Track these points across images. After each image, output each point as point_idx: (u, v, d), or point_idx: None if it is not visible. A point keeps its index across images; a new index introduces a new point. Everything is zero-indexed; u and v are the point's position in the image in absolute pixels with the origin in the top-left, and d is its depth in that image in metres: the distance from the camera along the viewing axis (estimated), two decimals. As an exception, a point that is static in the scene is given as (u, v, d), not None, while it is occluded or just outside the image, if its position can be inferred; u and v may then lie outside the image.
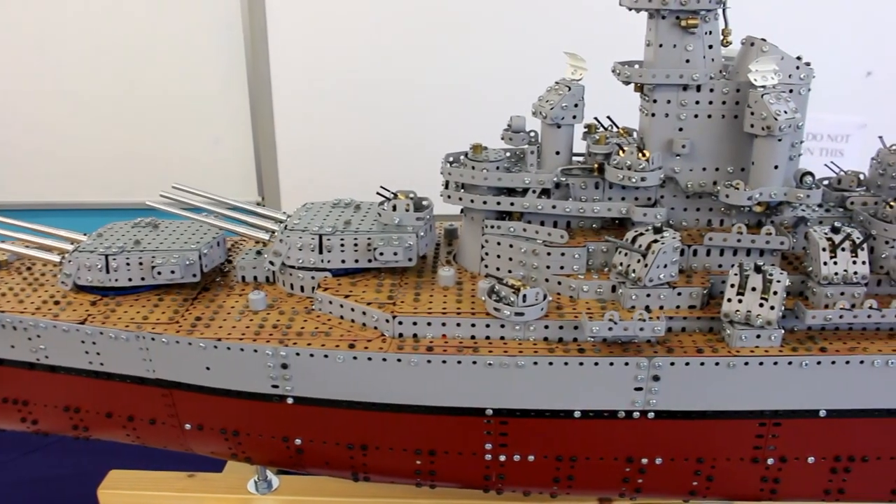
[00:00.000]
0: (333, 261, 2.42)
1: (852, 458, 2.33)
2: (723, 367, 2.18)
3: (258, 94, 4.51)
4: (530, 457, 2.31)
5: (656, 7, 2.26)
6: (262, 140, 4.63)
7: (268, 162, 4.67)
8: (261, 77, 4.49)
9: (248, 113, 4.61)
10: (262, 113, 4.58)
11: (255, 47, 4.44)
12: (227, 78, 4.55)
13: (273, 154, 4.65)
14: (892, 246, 2.37)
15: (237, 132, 4.66)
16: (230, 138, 4.67)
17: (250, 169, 4.72)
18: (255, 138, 4.65)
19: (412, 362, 2.19)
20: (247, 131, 4.65)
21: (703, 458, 2.31)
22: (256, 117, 4.59)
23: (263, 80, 4.51)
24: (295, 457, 2.42)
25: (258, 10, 4.38)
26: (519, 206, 2.37)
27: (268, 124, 4.60)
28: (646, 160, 2.30)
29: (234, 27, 4.44)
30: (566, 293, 2.33)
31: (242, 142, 4.67)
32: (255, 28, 4.40)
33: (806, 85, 2.38)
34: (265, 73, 4.49)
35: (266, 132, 4.61)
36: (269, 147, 4.64)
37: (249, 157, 4.70)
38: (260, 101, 4.54)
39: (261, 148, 4.65)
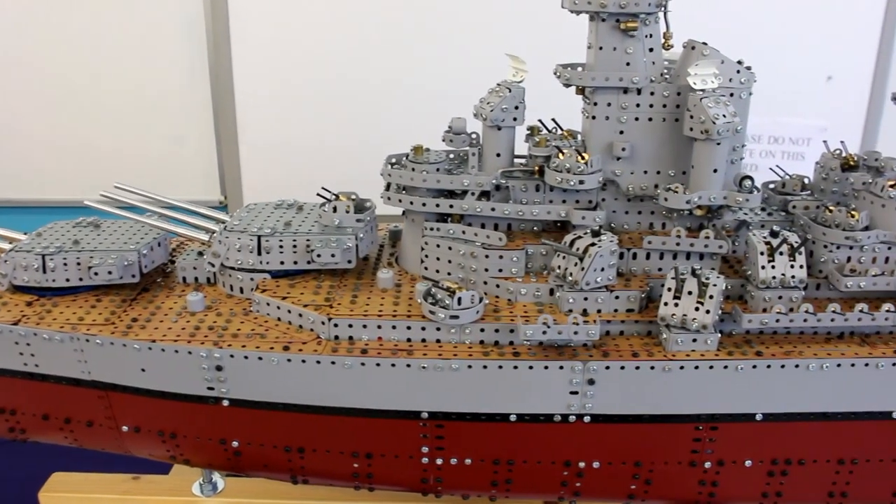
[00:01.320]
0: (272, 262, 2.41)
1: (789, 462, 2.34)
2: (658, 370, 2.18)
3: (220, 92, 4.48)
4: (467, 460, 2.30)
5: (595, 10, 2.25)
6: (225, 139, 4.59)
7: (230, 161, 4.63)
8: (223, 75, 4.45)
9: (211, 111, 4.57)
10: (225, 112, 4.54)
11: (218, 45, 4.40)
12: (189, 76, 4.51)
13: (235, 153, 4.61)
14: (830, 250, 2.37)
15: (199, 131, 4.61)
16: (192, 137, 4.63)
17: (213, 168, 4.69)
18: (218, 137, 4.61)
19: (346, 365, 2.18)
20: (209, 130, 4.61)
21: (641, 462, 2.31)
22: (219, 116, 4.55)
23: (226, 79, 4.47)
24: (233, 459, 2.40)
25: (220, 7, 4.34)
26: (458, 208, 2.36)
27: (230, 123, 4.56)
28: (584, 163, 2.29)
29: (196, 24, 4.40)
30: (504, 296, 2.32)
31: (205, 141, 4.63)
32: (217, 25, 4.35)
33: (747, 89, 2.38)
34: (227, 72, 4.46)
35: (228, 131, 4.57)
36: (232, 146, 4.60)
37: (212, 156, 4.66)
38: (222, 100, 4.51)
39: (223, 147, 4.61)
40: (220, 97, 4.50)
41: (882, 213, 2.37)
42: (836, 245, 2.36)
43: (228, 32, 4.39)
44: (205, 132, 4.62)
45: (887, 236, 2.36)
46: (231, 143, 4.60)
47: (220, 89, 4.48)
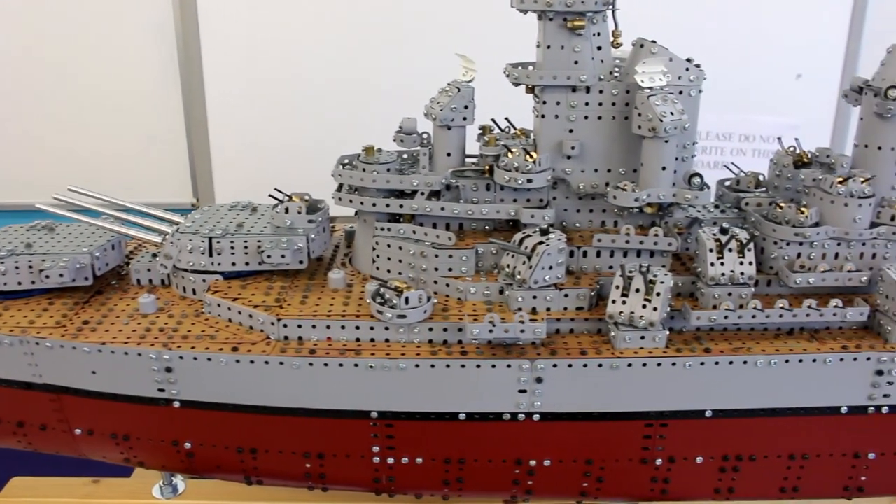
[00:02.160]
0: (224, 263, 2.40)
1: (740, 458, 2.35)
2: (606, 368, 2.19)
3: (191, 94, 4.46)
4: (418, 459, 2.30)
5: (541, 9, 2.26)
6: (196, 141, 4.58)
7: (202, 163, 4.62)
8: (194, 77, 4.44)
9: (182, 113, 4.56)
10: (196, 113, 4.53)
11: (188, 46, 4.38)
12: (159, 78, 4.49)
13: (207, 155, 4.60)
14: (780, 247, 2.38)
15: (171, 133, 4.60)
16: (164, 139, 4.61)
17: (184, 170, 4.68)
18: (189, 139, 4.60)
19: (294, 365, 2.18)
20: (180, 132, 4.60)
21: (592, 460, 2.32)
22: (190, 118, 4.54)
23: (196, 80, 4.46)
24: (186, 461, 2.39)
25: (190, 8, 4.33)
26: (408, 208, 2.36)
27: (201, 125, 4.55)
28: (533, 162, 2.30)
29: (165, 25, 4.39)
30: (454, 295, 2.32)
31: (176, 143, 4.62)
32: (186, 26, 4.34)
33: (696, 87, 2.39)
34: (198, 74, 4.44)
35: (200, 133, 4.57)
36: (203, 148, 4.59)
37: (183, 158, 4.65)
38: (193, 102, 4.49)
39: (195, 149, 4.60)
40: (191, 99, 4.49)
41: (831, 209, 2.38)
42: (785, 242, 2.36)
43: (198, 33, 4.38)
44: (176, 134, 4.61)
45: (836, 232, 2.37)
46: (202, 145, 4.59)
47: (191, 91, 4.47)
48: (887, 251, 2.40)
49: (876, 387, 2.29)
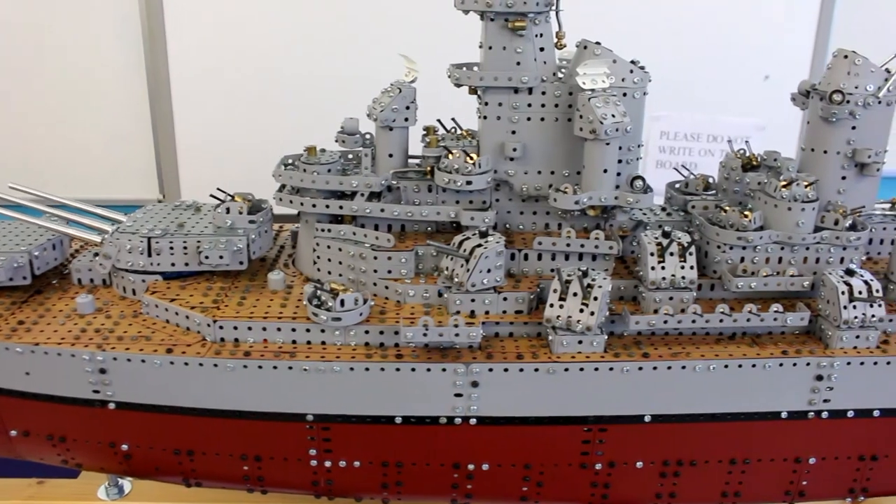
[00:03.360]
0: (163, 264, 2.38)
1: (681, 463, 2.33)
2: (542, 373, 2.17)
3: (157, 89, 4.43)
4: (356, 462, 2.29)
5: (482, 9, 2.24)
6: (162, 137, 4.55)
7: (168, 159, 4.59)
8: (159, 73, 4.40)
9: (148, 109, 4.52)
10: (162, 109, 4.49)
11: (153, 42, 4.35)
12: (124, 73, 4.46)
13: (173, 151, 4.57)
14: (723, 250, 2.36)
15: (137, 129, 4.57)
16: (130, 135, 4.58)
17: (151, 166, 4.64)
18: (155, 135, 4.56)
19: (228, 367, 2.16)
20: (146, 128, 4.56)
21: (531, 465, 2.30)
22: (156, 114, 4.51)
23: (162, 76, 4.42)
24: (124, 462, 2.37)
25: (155, 3, 4.29)
26: (348, 209, 2.34)
27: (167, 121, 4.52)
28: (473, 164, 2.28)
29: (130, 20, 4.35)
30: (393, 297, 2.31)
31: (142, 139, 4.58)
32: (152, 21, 4.31)
33: (641, 88, 2.37)
34: (163, 69, 4.41)
35: (166, 129, 4.53)
36: (169, 144, 4.56)
37: (150, 154, 4.61)
38: (159, 97, 4.46)
39: (161, 145, 4.57)
40: (157, 94, 4.45)
41: (775, 213, 2.37)
42: (728, 246, 2.35)
43: (164, 29, 4.34)
44: (142, 130, 4.57)
45: (780, 236, 2.36)
46: (168, 141, 4.56)
47: (157, 86, 4.43)
48: (830, 256, 2.39)
49: (815, 392, 2.28)
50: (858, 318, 2.26)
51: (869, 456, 2.38)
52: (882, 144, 2.46)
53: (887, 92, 2.41)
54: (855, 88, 2.39)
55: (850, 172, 2.47)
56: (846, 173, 2.47)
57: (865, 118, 2.41)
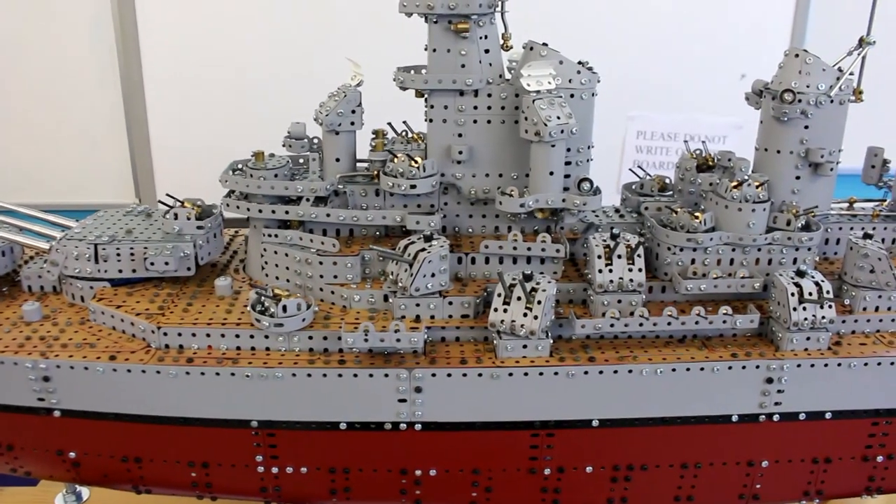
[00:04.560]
0: (110, 270, 2.37)
1: (631, 467, 2.32)
2: (486, 377, 2.16)
3: (131, 93, 4.42)
4: (303, 468, 2.27)
5: (424, 11, 2.22)
6: (137, 141, 4.54)
7: (143, 163, 4.58)
8: (133, 76, 4.40)
9: (123, 113, 4.51)
10: (136, 113, 4.49)
11: (126, 45, 4.34)
12: (98, 78, 4.45)
13: (148, 155, 4.56)
14: (673, 252, 2.34)
15: (111, 133, 4.56)
16: (104, 139, 4.57)
17: (126, 171, 4.64)
18: (130, 139, 4.56)
19: (171, 374, 2.15)
20: (121, 132, 4.56)
21: (479, 470, 2.28)
22: (130, 118, 4.50)
23: (136, 80, 4.42)
24: (72, 471, 2.36)
25: (128, 7, 4.29)
26: (293, 214, 2.32)
27: (142, 124, 4.51)
28: (417, 167, 2.26)
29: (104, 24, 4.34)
30: (339, 303, 2.29)
31: (117, 143, 4.58)
32: (125, 26, 4.30)
33: (589, 90, 2.34)
34: (137, 73, 4.40)
35: (140, 133, 4.52)
36: (144, 148, 4.55)
37: (125, 158, 4.61)
38: (133, 101, 4.46)
39: (136, 149, 4.56)
40: (131, 98, 4.45)
41: (726, 214, 2.35)
42: (678, 247, 2.33)
43: (137, 33, 4.34)
44: (117, 134, 4.57)
45: (730, 238, 2.34)
46: (143, 145, 4.55)
47: (131, 90, 4.43)
48: (783, 256, 2.36)
49: (766, 395, 2.26)
50: (808, 319, 2.23)
51: (822, 458, 2.36)
52: (836, 144, 2.44)
53: (839, 91, 2.39)
54: (807, 87, 2.37)
55: (805, 172, 2.45)
56: (800, 173, 2.44)
57: (818, 117, 2.39)
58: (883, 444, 2.36)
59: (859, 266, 2.36)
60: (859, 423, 2.33)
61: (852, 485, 2.43)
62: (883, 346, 2.30)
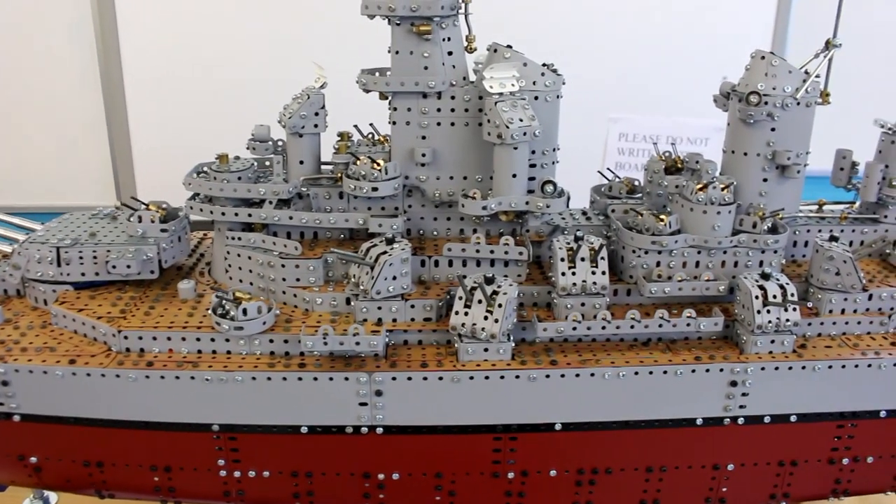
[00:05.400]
0: (73, 273, 2.36)
1: (596, 471, 2.30)
2: (447, 381, 2.15)
3: (112, 94, 4.41)
4: (265, 472, 2.26)
5: (385, 14, 2.21)
6: (118, 142, 4.53)
7: (124, 165, 4.57)
8: (113, 77, 4.38)
9: (103, 114, 4.50)
10: (117, 114, 4.47)
11: (106, 46, 4.32)
12: (78, 78, 4.44)
13: (129, 157, 4.55)
14: (638, 255, 2.33)
15: (92, 134, 4.54)
16: (85, 141, 4.56)
17: (107, 173, 4.62)
18: (111, 141, 4.54)
19: (130, 378, 2.14)
20: (102, 133, 4.54)
21: (442, 473, 2.27)
22: (111, 119, 4.49)
23: (116, 80, 4.40)
24: (34, 476, 2.35)
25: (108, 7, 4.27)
26: (256, 217, 2.31)
27: (122, 126, 4.49)
28: (379, 170, 2.25)
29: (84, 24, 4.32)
30: (302, 306, 2.28)
31: (98, 144, 4.56)
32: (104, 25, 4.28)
33: (554, 92, 2.33)
34: (117, 73, 4.38)
35: (121, 134, 4.51)
36: (125, 149, 4.54)
37: (106, 160, 4.59)
38: (113, 103, 4.44)
39: (116, 150, 4.55)
40: (112, 99, 4.43)
41: (691, 216, 2.34)
42: (643, 250, 2.32)
43: (117, 33, 4.32)
44: (97, 136, 4.55)
45: (695, 240, 2.33)
46: (124, 147, 4.54)
47: (111, 91, 4.41)
48: (749, 259, 2.36)
49: (730, 398, 2.25)
50: (772, 322, 2.23)
51: (788, 461, 2.35)
52: (803, 146, 2.44)
53: (806, 93, 2.38)
54: (773, 90, 2.36)
55: (772, 174, 2.44)
56: (767, 175, 2.44)
57: (784, 120, 2.38)
58: (848, 447, 2.35)
59: (825, 269, 2.35)
60: (825, 425, 2.32)
61: (819, 487, 2.42)
62: (848, 348, 2.29)
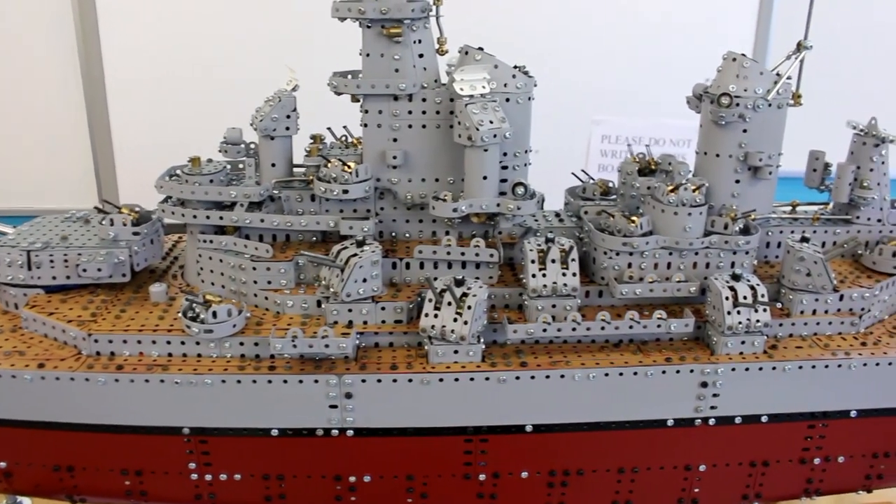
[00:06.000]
0: (44, 277, 2.35)
1: (567, 472, 2.31)
2: (417, 383, 2.15)
3: (93, 95, 4.39)
4: (237, 475, 2.26)
5: (355, 16, 2.21)
6: (100, 143, 4.51)
7: (105, 166, 4.55)
8: (94, 77, 4.36)
9: (85, 115, 4.48)
10: (98, 115, 4.45)
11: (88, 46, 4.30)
12: (59, 79, 4.42)
13: (110, 156, 4.53)
14: (610, 257, 2.34)
15: (74, 136, 4.53)
16: (67, 142, 4.54)
17: (89, 173, 4.61)
18: (93, 142, 4.53)
19: (100, 381, 2.13)
20: (84, 134, 4.52)
21: (414, 475, 2.28)
22: (93, 120, 4.47)
23: (97, 81, 4.39)
24: (5, 481, 2.34)
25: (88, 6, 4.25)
26: (227, 219, 2.31)
27: (104, 127, 4.48)
28: (350, 172, 2.25)
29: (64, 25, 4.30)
30: (273, 308, 2.28)
31: (79, 145, 4.55)
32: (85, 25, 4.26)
33: (525, 94, 2.33)
34: (98, 74, 4.37)
35: (103, 135, 4.49)
36: (107, 150, 4.52)
37: (87, 161, 4.58)
38: (95, 103, 4.42)
39: (98, 151, 4.53)
40: (93, 100, 4.42)
41: (663, 218, 2.35)
42: (615, 251, 2.32)
43: (98, 33, 4.30)
44: (79, 136, 4.54)
45: (667, 242, 2.33)
46: (106, 147, 4.52)
47: (93, 91, 4.39)
48: (721, 260, 2.36)
49: (701, 399, 2.26)
50: (743, 323, 2.23)
51: (760, 461, 2.36)
52: (775, 147, 2.44)
53: (777, 95, 2.39)
54: (744, 91, 2.37)
55: (744, 176, 2.45)
56: (739, 177, 2.45)
57: (756, 121, 2.39)
58: (820, 447, 2.36)
59: (796, 269, 2.36)
60: (796, 425, 2.33)
61: (791, 487, 2.43)
62: (819, 348, 2.30)
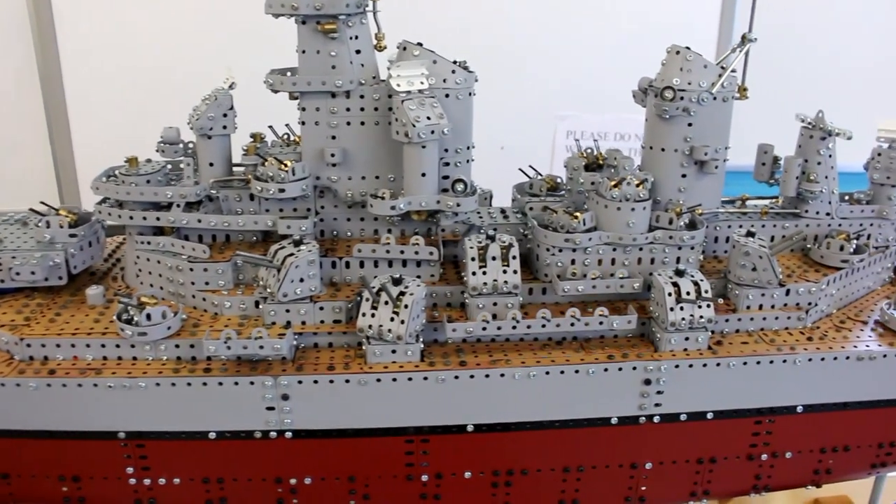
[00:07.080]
0: None
1: (511, 472, 2.29)
2: (354, 384, 2.12)
3: (51, 95, 4.34)
4: (175, 479, 2.23)
5: (288, 13, 2.18)
6: (59, 145, 4.46)
7: (66, 167, 4.51)
8: (52, 78, 4.32)
9: (44, 116, 4.43)
10: (58, 116, 4.41)
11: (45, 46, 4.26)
12: (16, 80, 4.36)
13: (71, 158, 4.49)
14: (552, 253, 2.32)
15: (33, 137, 4.48)
16: (26, 144, 4.49)
17: (50, 176, 4.56)
18: (52, 143, 4.48)
19: (31, 387, 2.10)
20: (43, 136, 4.47)
21: (355, 477, 2.25)
22: (52, 121, 4.42)
23: (55, 81, 4.34)
24: (-56, 487, 2.30)
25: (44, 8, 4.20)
26: (164, 220, 2.28)
27: (63, 128, 4.43)
28: (287, 171, 2.22)
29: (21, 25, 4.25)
30: (211, 310, 2.25)
31: (39, 147, 4.49)
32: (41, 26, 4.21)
33: (466, 89, 2.30)
34: (56, 74, 4.32)
35: (62, 136, 4.44)
36: (67, 152, 4.47)
37: (48, 163, 4.53)
38: (53, 104, 4.37)
39: (57, 151, 4.48)
40: (52, 102, 4.37)
41: (606, 213, 2.33)
42: (557, 248, 2.30)
43: (54, 33, 4.26)
44: (38, 138, 4.49)
45: (610, 237, 2.31)
46: (65, 148, 4.47)
47: (51, 91, 4.34)
48: (666, 256, 2.34)
49: (645, 396, 2.24)
50: (686, 319, 2.21)
51: (707, 458, 2.34)
52: (722, 141, 2.43)
53: (722, 88, 2.37)
54: (688, 85, 2.35)
55: (690, 170, 2.43)
56: (686, 171, 2.43)
57: (701, 115, 2.37)
58: (767, 443, 2.35)
59: (741, 264, 2.34)
60: (742, 422, 2.31)
61: (739, 484, 2.42)
62: (764, 344, 2.29)
